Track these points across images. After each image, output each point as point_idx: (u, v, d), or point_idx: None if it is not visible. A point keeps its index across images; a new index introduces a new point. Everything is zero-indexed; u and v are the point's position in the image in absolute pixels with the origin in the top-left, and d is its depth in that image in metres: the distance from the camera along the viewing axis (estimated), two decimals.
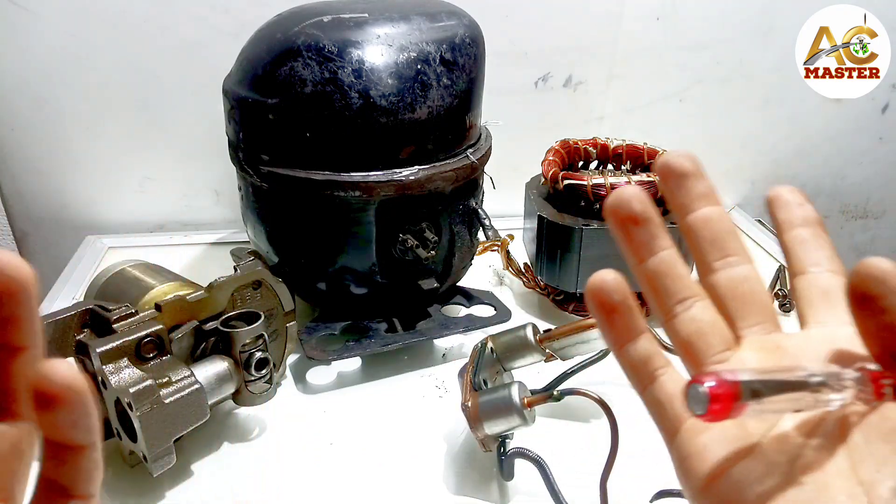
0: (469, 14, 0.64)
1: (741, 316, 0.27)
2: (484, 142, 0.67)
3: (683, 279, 0.27)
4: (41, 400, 0.20)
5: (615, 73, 0.93)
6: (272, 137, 0.59)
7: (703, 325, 0.27)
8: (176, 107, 0.86)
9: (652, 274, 0.27)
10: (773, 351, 0.26)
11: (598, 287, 0.26)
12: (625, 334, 0.27)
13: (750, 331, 0.27)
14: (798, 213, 0.29)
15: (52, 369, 0.20)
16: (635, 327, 0.27)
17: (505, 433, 0.49)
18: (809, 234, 0.29)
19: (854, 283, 0.23)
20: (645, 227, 0.27)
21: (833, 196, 1.09)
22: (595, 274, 0.27)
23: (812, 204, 0.30)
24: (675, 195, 0.28)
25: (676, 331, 0.27)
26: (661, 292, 0.27)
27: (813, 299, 0.28)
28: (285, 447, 0.56)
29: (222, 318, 0.54)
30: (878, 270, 0.22)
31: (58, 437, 0.21)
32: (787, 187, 0.30)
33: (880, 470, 0.22)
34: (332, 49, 0.56)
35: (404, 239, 0.61)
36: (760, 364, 0.26)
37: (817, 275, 0.28)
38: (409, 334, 0.64)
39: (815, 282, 0.28)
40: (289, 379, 0.64)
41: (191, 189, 0.92)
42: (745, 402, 0.22)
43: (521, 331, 0.55)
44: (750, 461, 0.24)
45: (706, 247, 0.28)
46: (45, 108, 0.84)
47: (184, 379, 0.49)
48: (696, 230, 0.28)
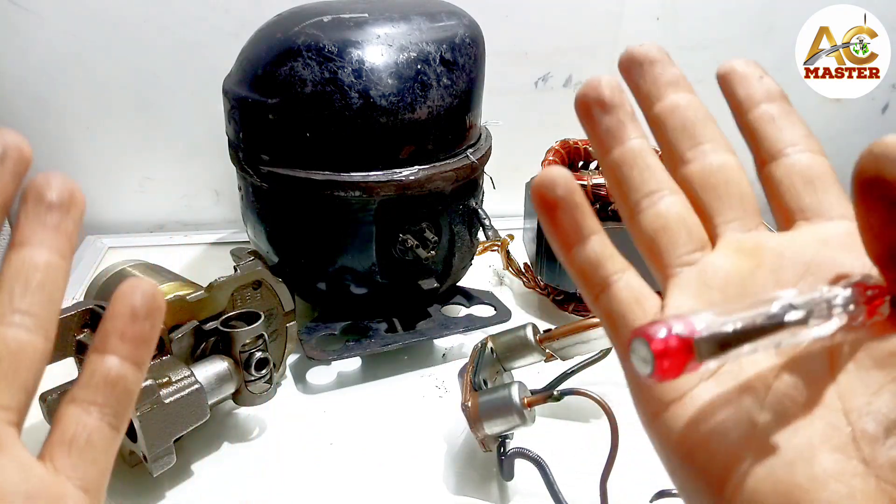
0: (469, 14, 0.64)
1: (717, 210, 0.24)
2: (484, 142, 0.67)
3: (653, 170, 0.24)
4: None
5: (615, 73, 0.93)
6: (272, 137, 0.59)
7: (670, 221, 0.23)
8: (176, 107, 0.86)
9: (616, 165, 0.24)
10: (751, 254, 0.23)
11: (539, 182, 0.23)
12: (571, 235, 0.23)
13: (728, 227, 0.24)
14: (759, 87, 0.25)
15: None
16: (584, 226, 0.23)
17: (505, 433, 0.49)
18: (777, 109, 0.25)
19: (864, 165, 0.18)
20: (612, 113, 0.24)
21: None
22: (543, 170, 0.23)
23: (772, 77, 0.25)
24: (640, 86, 0.25)
25: (640, 229, 0.24)
26: (625, 185, 0.24)
27: (796, 188, 0.23)
28: (285, 447, 0.56)
29: (222, 318, 0.54)
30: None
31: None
32: (740, 59, 0.26)
33: (871, 401, 0.19)
34: (332, 49, 0.56)
35: (404, 239, 0.61)
36: (735, 269, 0.22)
37: (796, 157, 0.24)
38: (409, 334, 0.64)
39: (796, 166, 0.24)
40: (289, 379, 0.64)
41: (191, 189, 0.92)
42: (703, 359, 0.18)
43: (521, 331, 0.55)
44: (729, 409, 0.21)
45: (676, 136, 0.25)
46: (45, 108, 0.84)
47: (184, 379, 0.49)
48: (664, 119, 0.25)
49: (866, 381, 0.20)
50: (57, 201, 0.22)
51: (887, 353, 0.20)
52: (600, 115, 0.24)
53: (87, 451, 0.21)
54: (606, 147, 0.24)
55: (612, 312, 0.23)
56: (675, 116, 0.25)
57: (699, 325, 0.18)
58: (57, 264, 0.22)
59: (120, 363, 0.22)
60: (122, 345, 0.22)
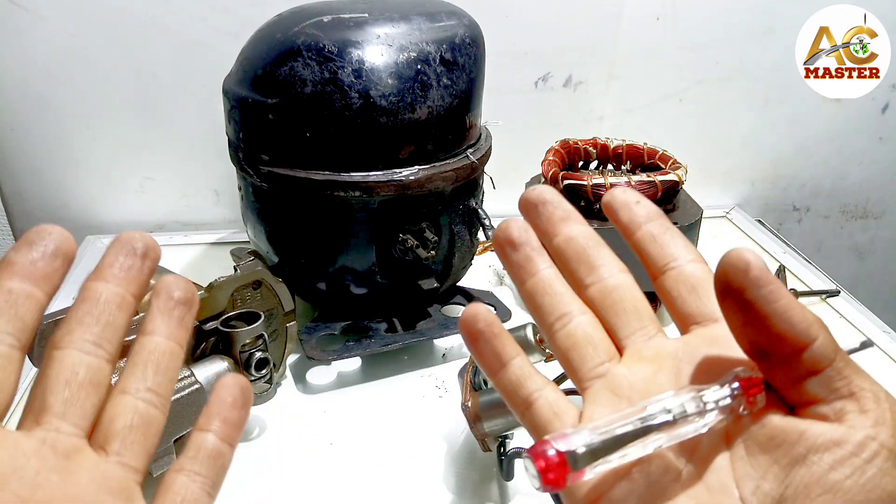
0: (469, 14, 0.64)
1: (619, 326, 0.27)
2: (484, 142, 0.67)
3: (561, 296, 0.27)
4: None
5: (615, 73, 0.93)
6: (272, 137, 0.59)
7: (578, 340, 0.26)
8: (176, 107, 0.86)
9: (530, 294, 0.27)
10: (652, 360, 0.26)
11: (462, 318, 0.27)
12: (494, 362, 0.27)
13: (630, 339, 0.27)
14: (639, 211, 0.28)
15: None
16: (503, 353, 0.26)
17: (505, 433, 0.49)
18: (658, 228, 0.28)
19: (717, 275, 0.22)
20: (521, 249, 0.27)
21: (833, 196, 1.09)
22: (467, 307, 0.27)
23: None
24: (538, 224, 0.28)
25: (556, 347, 0.27)
26: (540, 311, 0.27)
27: (683, 297, 0.26)
28: (285, 447, 0.56)
29: (222, 318, 0.54)
30: (741, 261, 0.21)
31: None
32: (618, 188, 0.29)
33: (759, 485, 0.22)
34: (332, 49, 0.56)
35: (404, 239, 0.61)
36: (639, 377, 0.25)
37: (680, 269, 0.27)
38: (409, 334, 0.64)
39: (680, 277, 0.27)
40: (289, 379, 0.64)
41: (191, 189, 0.92)
42: (582, 467, 0.21)
43: (520, 331, 0.55)
44: (626, 483, 0.23)
45: (574, 265, 0.28)
46: (45, 108, 0.84)
47: (184, 379, 0.49)
48: (562, 251, 0.28)
49: (755, 465, 0.22)
50: (183, 299, 0.26)
51: (768, 438, 0.22)
52: (511, 252, 0.28)
53: None
54: (521, 279, 0.28)
55: (537, 426, 0.26)
56: (571, 247, 0.28)
57: (575, 441, 0.21)
58: (179, 353, 0.26)
59: (220, 442, 0.26)
60: (223, 427, 0.26)
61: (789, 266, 0.84)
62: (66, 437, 0.23)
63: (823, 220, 1.11)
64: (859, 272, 1.15)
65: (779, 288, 0.22)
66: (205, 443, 0.26)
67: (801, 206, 1.09)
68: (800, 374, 0.22)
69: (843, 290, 0.79)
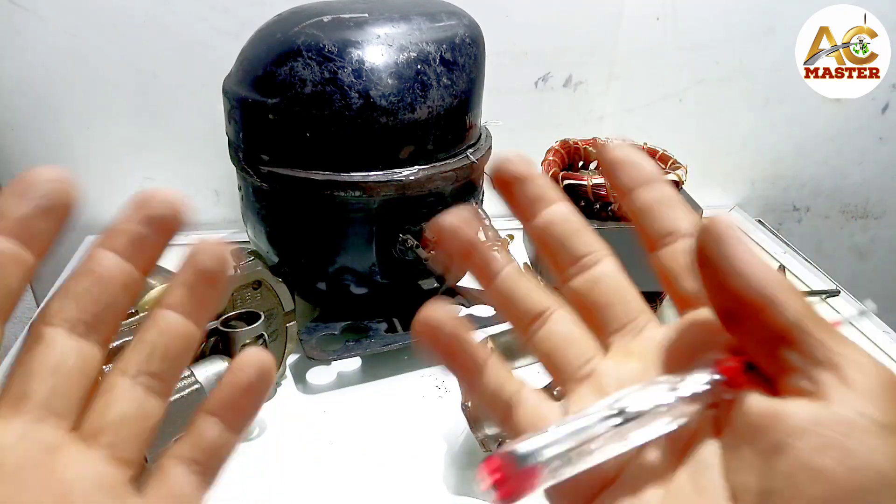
0: (469, 14, 0.64)
1: (605, 322, 0.25)
2: (484, 142, 0.67)
3: (532, 294, 0.25)
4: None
5: (615, 73, 0.93)
6: (272, 137, 0.59)
7: (558, 341, 0.25)
8: (176, 107, 0.86)
9: (498, 296, 0.25)
10: (640, 355, 0.24)
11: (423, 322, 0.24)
12: (466, 372, 0.24)
13: (617, 335, 0.25)
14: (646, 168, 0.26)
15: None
16: (474, 360, 0.24)
17: (505, 434, 0.49)
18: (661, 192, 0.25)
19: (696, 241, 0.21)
20: (474, 253, 0.25)
21: (833, 196, 1.09)
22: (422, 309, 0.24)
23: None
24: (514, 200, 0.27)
25: (536, 350, 0.25)
26: (513, 313, 0.25)
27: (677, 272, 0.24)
28: (285, 447, 0.56)
29: (222, 318, 0.54)
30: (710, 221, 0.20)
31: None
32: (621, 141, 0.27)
33: (747, 479, 0.20)
34: (332, 49, 0.56)
35: (404, 239, 0.61)
36: (628, 373, 0.23)
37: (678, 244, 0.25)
38: (409, 334, 0.64)
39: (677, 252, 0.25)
40: (289, 379, 0.64)
41: (191, 189, 0.92)
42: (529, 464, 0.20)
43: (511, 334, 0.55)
44: (615, 490, 0.22)
45: (556, 254, 0.26)
46: (45, 108, 0.84)
47: (184, 379, 0.49)
48: (541, 237, 0.26)
49: (740, 458, 0.20)
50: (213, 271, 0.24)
51: (747, 426, 0.20)
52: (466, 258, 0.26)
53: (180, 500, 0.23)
54: (486, 283, 0.25)
55: (519, 432, 0.24)
56: (549, 234, 0.26)
57: (522, 449, 0.20)
58: (194, 337, 0.24)
59: (226, 430, 0.23)
60: (232, 414, 0.24)
61: (789, 266, 0.84)
62: (52, 428, 0.21)
63: (823, 220, 1.11)
64: (859, 272, 1.15)
65: (740, 244, 0.20)
66: (208, 429, 0.23)
67: (801, 206, 1.09)
68: (770, 340, 0.20)
69: (843, 290, 0.79)
